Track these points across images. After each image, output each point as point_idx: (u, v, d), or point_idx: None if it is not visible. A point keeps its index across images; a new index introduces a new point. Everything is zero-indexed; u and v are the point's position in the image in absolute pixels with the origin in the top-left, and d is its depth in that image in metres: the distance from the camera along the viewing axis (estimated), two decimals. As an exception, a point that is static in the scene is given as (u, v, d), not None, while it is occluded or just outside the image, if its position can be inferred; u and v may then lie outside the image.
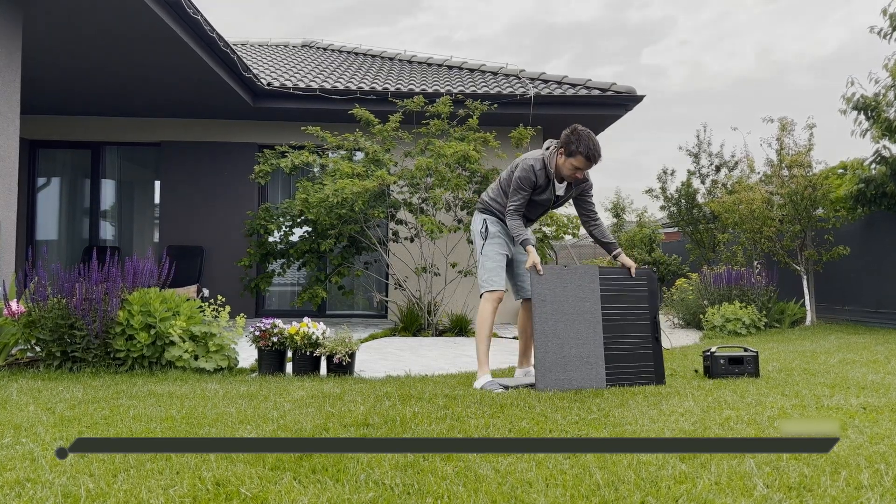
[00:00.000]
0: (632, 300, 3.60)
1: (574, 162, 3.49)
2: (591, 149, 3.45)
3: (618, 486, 1.88)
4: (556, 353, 3.35)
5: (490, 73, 9.40)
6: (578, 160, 3.48)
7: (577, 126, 3.54)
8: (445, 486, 1.88)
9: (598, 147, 3.47)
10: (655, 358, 3.55)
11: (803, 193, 7.57)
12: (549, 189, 3.63)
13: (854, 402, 3.03)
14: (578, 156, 3.47)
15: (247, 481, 1.92)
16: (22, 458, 2.16)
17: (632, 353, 3.52)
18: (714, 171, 10.95)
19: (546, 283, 3.43)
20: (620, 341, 3.52)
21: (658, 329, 3.59)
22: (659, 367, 3.54)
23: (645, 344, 3.56)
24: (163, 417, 2.76)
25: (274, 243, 7.57)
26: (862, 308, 7.70)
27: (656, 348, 3.58)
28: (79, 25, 5.46)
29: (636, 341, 3.54)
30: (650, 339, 3.57)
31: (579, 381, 3.39)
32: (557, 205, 3.79)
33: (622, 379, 3.49)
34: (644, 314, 3.59)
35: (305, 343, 4.07)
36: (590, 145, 3.45)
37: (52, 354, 4.06)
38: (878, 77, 6.92)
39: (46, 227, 9.02)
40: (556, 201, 3.73)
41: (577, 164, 3.50)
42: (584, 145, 3.45)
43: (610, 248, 3.78)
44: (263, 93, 7.79)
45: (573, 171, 3.53)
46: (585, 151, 3.45)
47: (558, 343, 3.37)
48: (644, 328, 3.58)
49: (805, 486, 1.88)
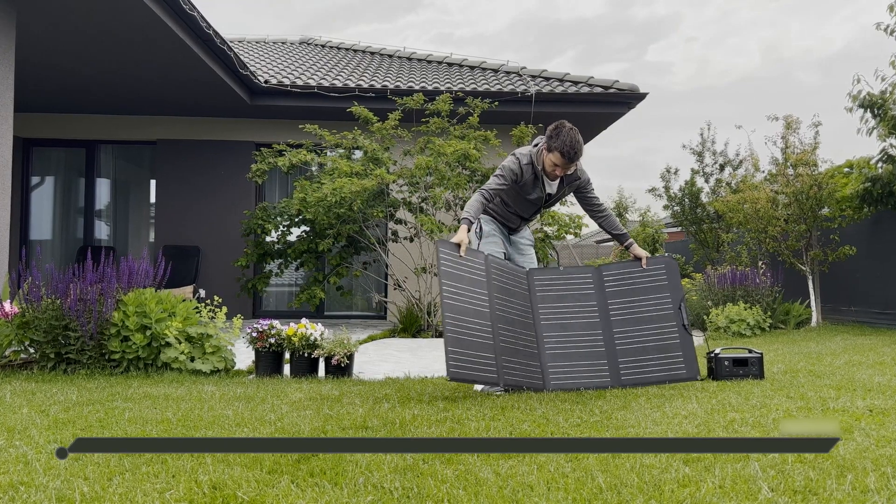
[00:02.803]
0: (648, 291, 3.46)
1: (552, 158, 3.44)
2: (568, 145, 3.37)
3: (620, 490, 1.86)
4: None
5: (491, 71, 9.37)
6: (555, 156, 3.42)
7: (563, 122, 3.48)
8: (445, 489, 1.86)
9: (575, 145, 3.39)
10: (684, 348, 3.34)
11: (809, 192, 7.53)
12: (538, 186, 3.58)
13: (860, 404, 3.00)
14: (555, 152, 3.41)
15: (244, 485, 1.90)
16: (15, 462, 2.14)
17: (651, 346, 3.37)
18: (718, 169, 10.92)
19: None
20: (633, 335, 3.39)
21: (684, 318, 3.40)
22: (690, 358, 3.33)
23: (668, 335, 3.39)
24: (158, 420, 2.73)
25: (271, 243, 7.54)
26: (868, 309, 7.65)
27: (685, 338, 3.38)
28: (73, 22, 5.42)
29: (654, 334, 3.38)
30: (675, 329, 3.38)
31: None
32: (550, 203, 3.74)
33: (637, 373, 3.36)
34: (666, 304, 3.42)
35: (303, 344, 4.05)
36: (566, 141, 3.37)
37: (46, 356, 4.03)
38: (885, 74, 6.86)
39: (40, 226, 8.98)
40: (547, 199, 3.67)
41: (554, 161, 3.44)
42: (560, 141, 3.38)
43: (622, 240, 3.72)
44: (260, 90, 7.75)
45: (552, 168, 3.47)
46: (560, 147, 3.38)
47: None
48: (666, 318, 3.40)
49: (811, 490, 1.85)
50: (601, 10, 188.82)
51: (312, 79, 8.23)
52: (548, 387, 3.24)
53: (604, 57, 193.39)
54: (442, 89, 7.87)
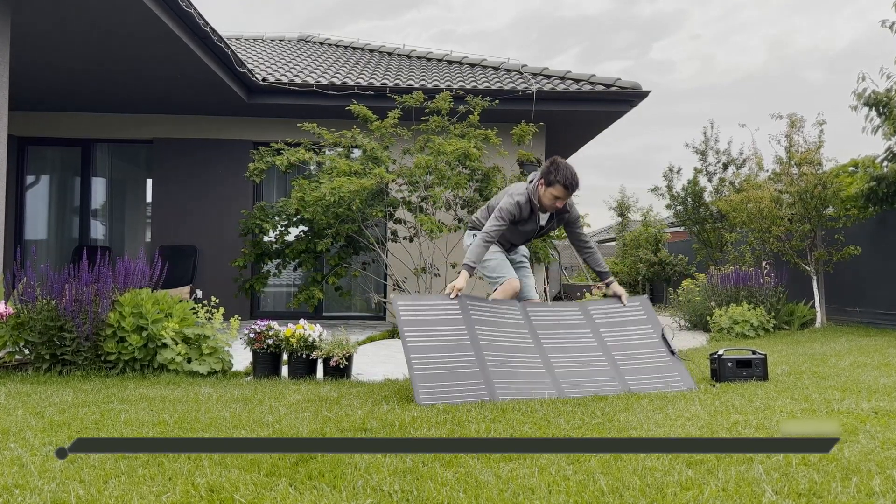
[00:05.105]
0: (634, 323, 3.82)
1: (553, 191, 3.71)
2: (569, 178, 3.67)
3: (622, 493, 1.85)
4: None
5: (492, 69, 9.33)
6: (557, 189, 3.69)
7: (556, 157, 3.81)
8: (445, 492, 1.86)
9: (575, 176, 3.70)
10: (678, 369, 3.61)
11: (813, 192, 7.50)
12: (532, 220, 3.87)
13: (865, 406, 2.99)
14: (557, 185, 3.68)
15: (241, 487, 1.89)
16: (10, 464, 2.13)
17: (648, 367, 3.62)
18: (721, 168, 10.89)
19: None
20: (631, 358, 3.67)
21: (668, 344, 3.70)
22: (685, 376, 3.58)
23: (661, 359, 3.65)
24: (155, 422, 2.72)
25: (269, 243, 7.50)
26: (873, 310, 7.60)
27: (676, 361, 3.67)
28: (69, 18, 5.39)
29: (648, 357, 3.65)
30: (665, 354, 3.67)
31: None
32: (541, 234, 4.02)
33: (644, 386, 3.57)
34: (650, 334, 3.75)
35: (301, 345, 4.04)
36: (567, 174, 3.67)
37: (41, 357, 4.01)
38: (891, 72, 6.81)
39: (35, 226, 8.94)
40: (539, 231, 3.96)
41: (556, 194, 3.71)
42: (561, 174, 3.67)
43: (604, 276, 4.02)
44: (258, 88, 7.72)
45: (553, 201, 3.74)
46: (563, 180, 3.66)
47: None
48: (654, 345, 3.71)
49: (815, 493, 1.85)
50: (605, 6, 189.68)
51: (311, 77, 8.20)
52: (563, 395, 3.34)
53: (607, 54, 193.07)
54: (442, 87, 7.82)
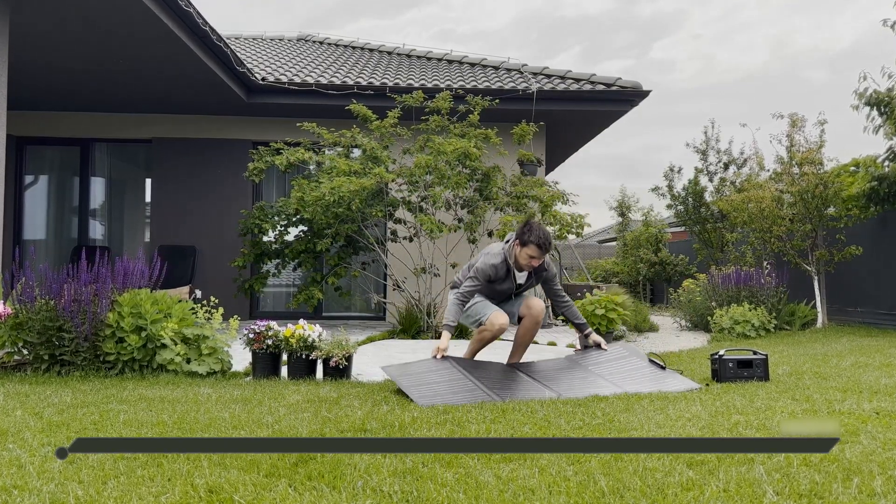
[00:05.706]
0: (621, 359, 3.98)
1: (528, 251, 3.89)
2: (542, 238, 3.86)
3: (623, 494, 1.85)
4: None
5: (492, 68, 9.32)
6: (532, 249, 3.88)
7: (529, 220, 4.09)
8: (445, 493, 1.85)
9: (548, 236, 3.91)
10: (675, 378, 3.73)
11: (814, 192, 7.50)
12: (509, 278, 4.02)
13: (867, 406, 2.99)
14: (531, 245, 3.87)
15: (240, 488, 1.89)
16: (9, 465, 2.12)
17: (643, 378, 3.77)
18: (722, 168, 10.89)
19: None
20: (632, 377, 3.80)
21: (659, 364, 3.89)
22: (682, 379, 3.70)
23: (659, 374, 3.80)
24: (154, 423, 2.71)
25: (269, 243, 7.49)
26: (875, 310, 7.59)
27: (671, 372, 3.82)
28: (68, 18, 5.38)
29: (648, 375, 3.79)
30: (657, 370, 3.82)
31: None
32: (519, 292, 4.16)
33: (639, 388, 3.64)
34: (640, 363, 3.91)
35: (301, 346, 4.04)
36: (540, 235, 3.87)
37: (39, 357, 4.00)
38: (892, 72, 6.82)
39: (34, 226, 8.93)
40: (517, 289, 4.11)
41: (531, 253, 3.89)
42: (535, 235, 3.86)
43: (582, 328, 4.21)
44: (258, 88, 7.70)
45: (528, 260, 3.92)
46: (537, 240, 3.85)
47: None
48: (649, 367, 3.86)
49: (816, 494, 1.84)
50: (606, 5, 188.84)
51: (310, 76, 8.19)
52: (562, 396, 3.38)
53: (608, 54, 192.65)
54: (442, 87, 7.81)
